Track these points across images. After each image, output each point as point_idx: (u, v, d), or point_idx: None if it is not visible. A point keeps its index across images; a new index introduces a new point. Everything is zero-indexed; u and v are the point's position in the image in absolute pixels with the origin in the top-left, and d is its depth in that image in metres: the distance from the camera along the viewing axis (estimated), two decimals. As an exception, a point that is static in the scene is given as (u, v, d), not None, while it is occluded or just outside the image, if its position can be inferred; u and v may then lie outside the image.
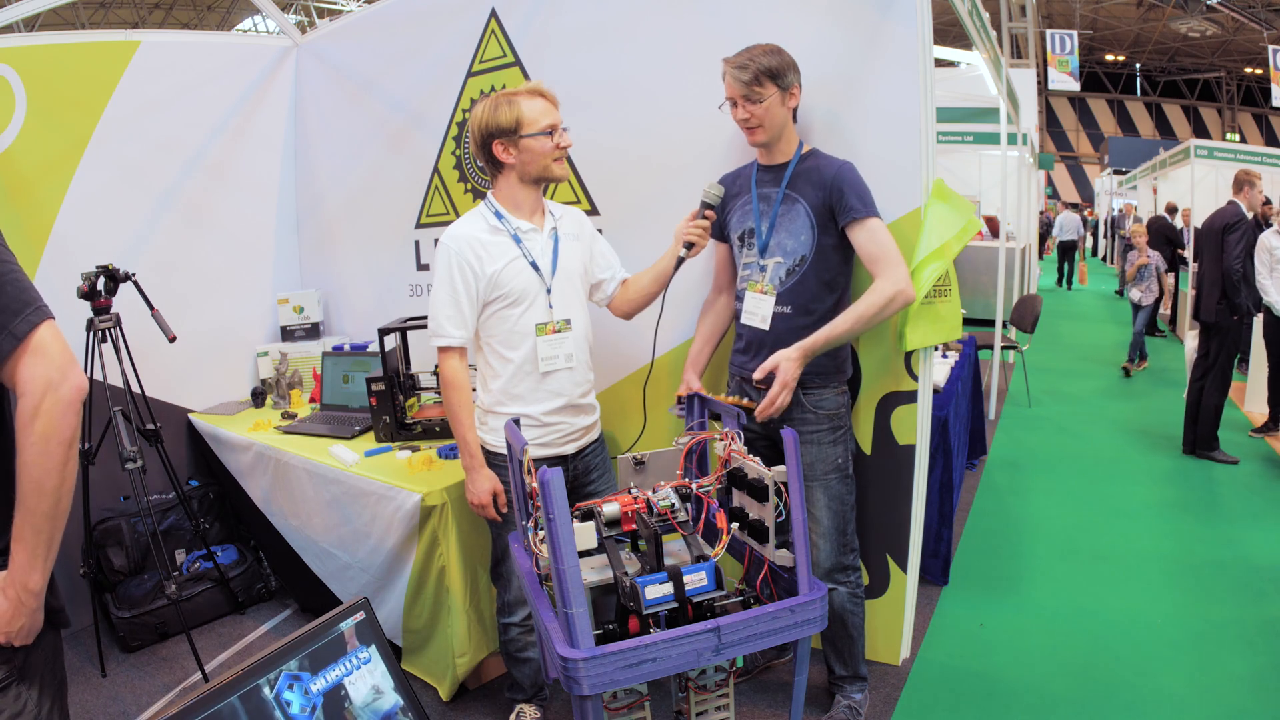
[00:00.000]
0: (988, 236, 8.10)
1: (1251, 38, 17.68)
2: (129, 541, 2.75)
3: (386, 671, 1.12)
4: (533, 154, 1.81)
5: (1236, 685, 2.27)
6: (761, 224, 1.97)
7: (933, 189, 1.96)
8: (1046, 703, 2.22)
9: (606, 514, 1.40)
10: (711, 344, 2.16)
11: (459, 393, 1.87)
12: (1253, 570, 2.99)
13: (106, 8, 15.82)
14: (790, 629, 1.28)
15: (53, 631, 1.18)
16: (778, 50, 1.86)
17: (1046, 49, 13.94)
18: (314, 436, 2.67)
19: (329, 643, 1.08)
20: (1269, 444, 4.49)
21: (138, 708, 2.35)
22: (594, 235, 2.05)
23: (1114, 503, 3.71)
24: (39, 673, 1.14)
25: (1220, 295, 4.16)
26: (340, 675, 1.07)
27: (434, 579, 2.20)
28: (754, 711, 2.21)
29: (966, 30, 3.33)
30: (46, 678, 1.15)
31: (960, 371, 3.62)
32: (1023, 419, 5.21)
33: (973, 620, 2.68)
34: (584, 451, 2.00)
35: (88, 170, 2.76)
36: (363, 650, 1.11)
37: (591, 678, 1.17)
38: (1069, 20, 18.34)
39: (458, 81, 2.77)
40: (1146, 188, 11.76)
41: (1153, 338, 8.22)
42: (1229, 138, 21.95)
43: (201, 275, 3.12)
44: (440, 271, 1.84)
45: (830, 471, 1.98)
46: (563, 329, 1.88)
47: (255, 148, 3.27)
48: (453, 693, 2.26)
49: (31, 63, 2.61)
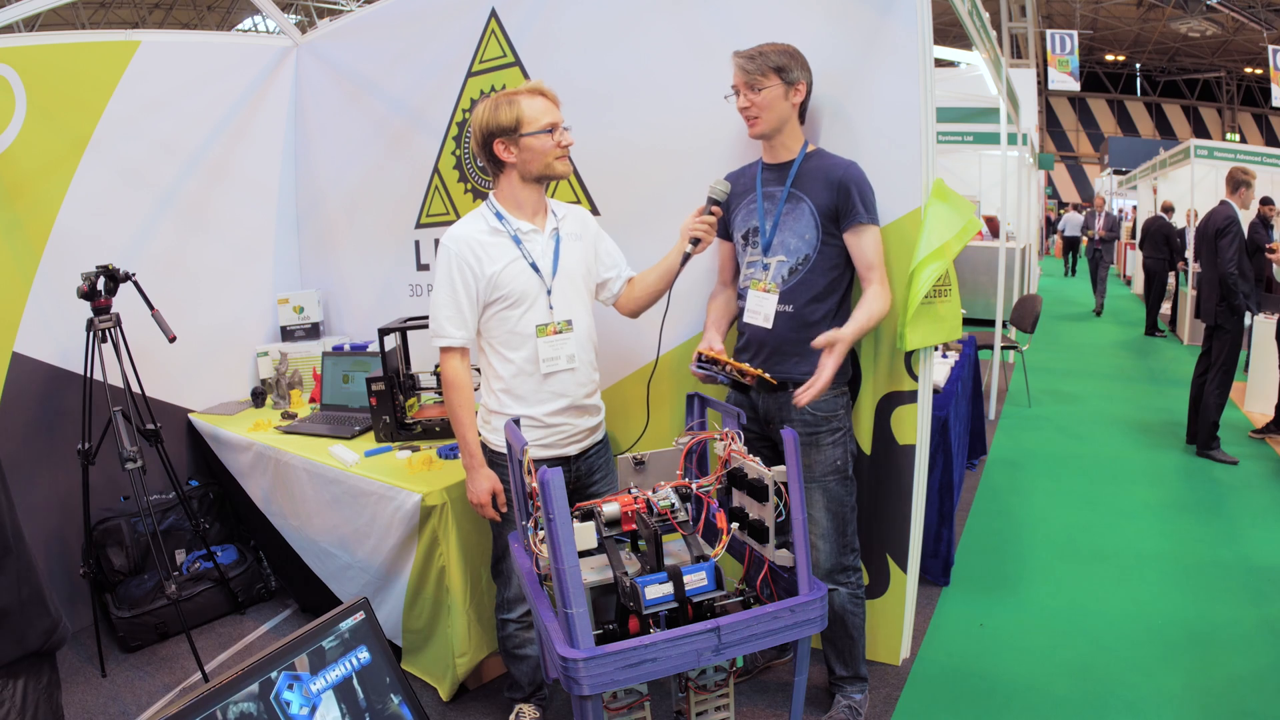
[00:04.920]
0: (988, 236, 8.10)
1: (1251, 38, 17.67)
2: (129, 541, 2.75)
3: (387, 672, 1.12)
4: (534, 152, 1.81)
5: (1236, 685, 2.27)
6: (765, 222, 1.97)
7: (933, 189, 1.96)
8: (1046, 703, 2.22)
9: (606, 514, 1.40)
10: (728, 317, 2.11)
11: (460, 393, 1.87)
12: (1253, 570, 2.99)
13: (106, 8, 15.82)
14: (790, 629, 1.28)
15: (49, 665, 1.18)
16: (791, 51, 1.87)
17: (1046, 49, 13.93)
18: (314, 436, 2.67)
19: (329, 643, 1.08)
20: (1269, 445, 4.49)
21: (138, 708, 2.35)
22: (598, 234, 2.05)
23: (1114, 503, 3.71)
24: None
25: (1219, 298, 4.18)
26: (340, 675, 1.07)
27: (434, 579, 2.20)
28: (754, 711, 2.21)
29: (966, 30, 3.33)
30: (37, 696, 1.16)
31: (960, 371, 3.62)
32: (1023, 419, 5.21)
33: (973, 620, 2.68)
34: (587, 453, 2.00)
35: (88, 170, 2.76)
36: (363, 650, 1.11)
37: (591, 678, 1.17)
38: (1069, 20, 18.33)
39: (458, 81, 2.77)
40: (1146, 188, 11.75)
41: (1153, 337, 8.23)
42: (1229, 138, 21.95)
43: (201, 275, 3.11)
44: (440, 272, 1.84)
45: (829, 473, 1.98)
46: (564, 330, 1.88)
47: (255, 148, 3.27)
48: (453, 693, 2.26)
49: (31, 63, 2.61)
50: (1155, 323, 8.46)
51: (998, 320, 5.19)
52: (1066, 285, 11.42)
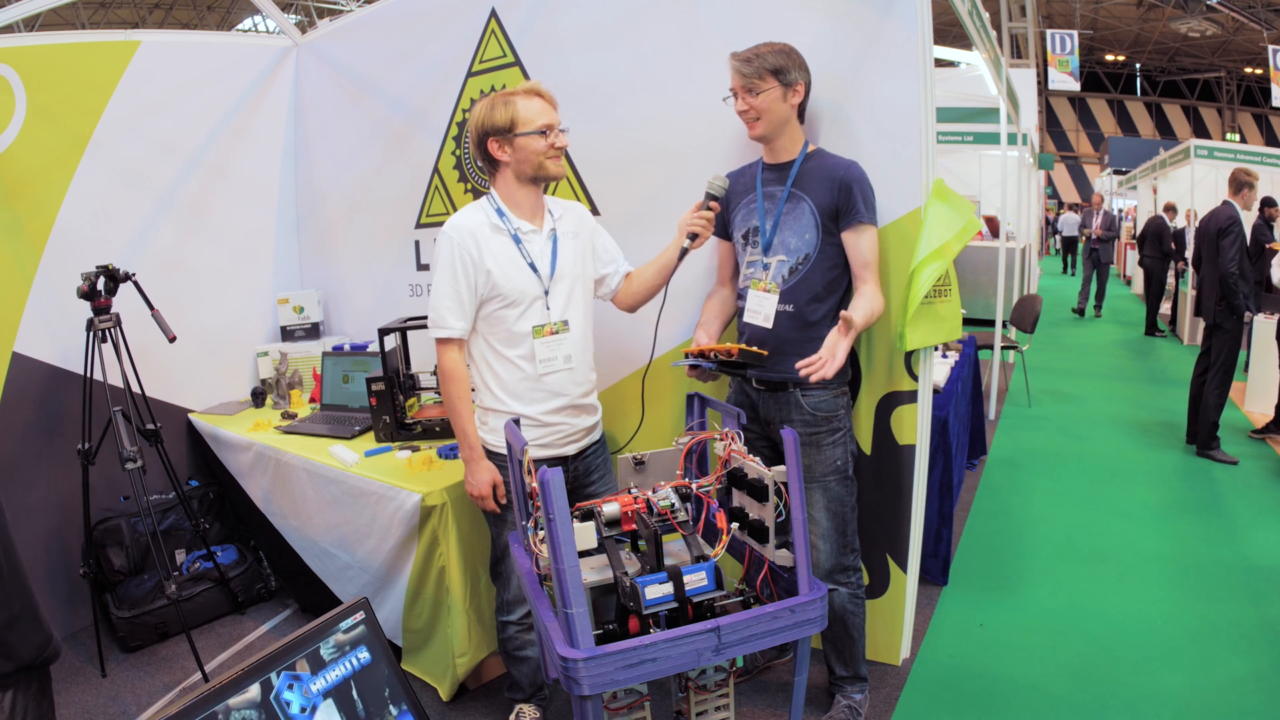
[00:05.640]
0: (988, 236, 8.10)
1: (1251, 38, 17.68)
2: (129, 541, 2.75)
3: (387, 672, 1.12)
4: (527, 152, 1.82)
5: (1236, 685, 2.27)
6: (766, 222, 1.97)
7: (933, 189, 1.96)
8: (1046, 703, 2.22)
9: (606, 514, 1.40)
10: (720, 319, 2.10)
11: (458, 385, 1.87)
12: (1253, 570, 2.99)
13: (106, 8, 15.82)
14: (790, 629, 1.28)
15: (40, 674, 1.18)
16: (787, 50, 1.87)
17: (1046, 49, 13.94)
18: (314, 436, 2.67)
19: (329, 643, 1.08)
20: (1269, 445, 4.49)
21: (138, 708, 2.35)
22: (595, 230, 2.04)
23: (1114, 503, 3.71)
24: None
25: (1218, 297, 4.19)
26: (340, 675, 1.07)
27: (434, 579, 2.20)
28: (754, 711, 2.21)
29: (966, 30, 3.33)
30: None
31: (960, 371, 3.62)
32: (1023, 419, 5.21)
33: (973, 620, 2.68)
34: (585, 452, 2.00)
35: (88, 170, 2.76)
36: (363, 650, 1.11)
37: (591, 678, 1.17)
38: (1069, 20, 18.33)
39: (458, 81, 2.77)
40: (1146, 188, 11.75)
41: (1153, 337, 8.23)
42: (1229, 138, 21.94)
43: (201, 275, 3.11)
44: (442, 262, 1.83)
45: (829, 473, 1.98)
46: (560, 330, 1.88)
47: (255, 148, 3.27)
48: (453, 693, 2.26)
49: (31, 63, 2.61)
50: (1155, 323, 8.46)
51: (998, 320, 5.19)
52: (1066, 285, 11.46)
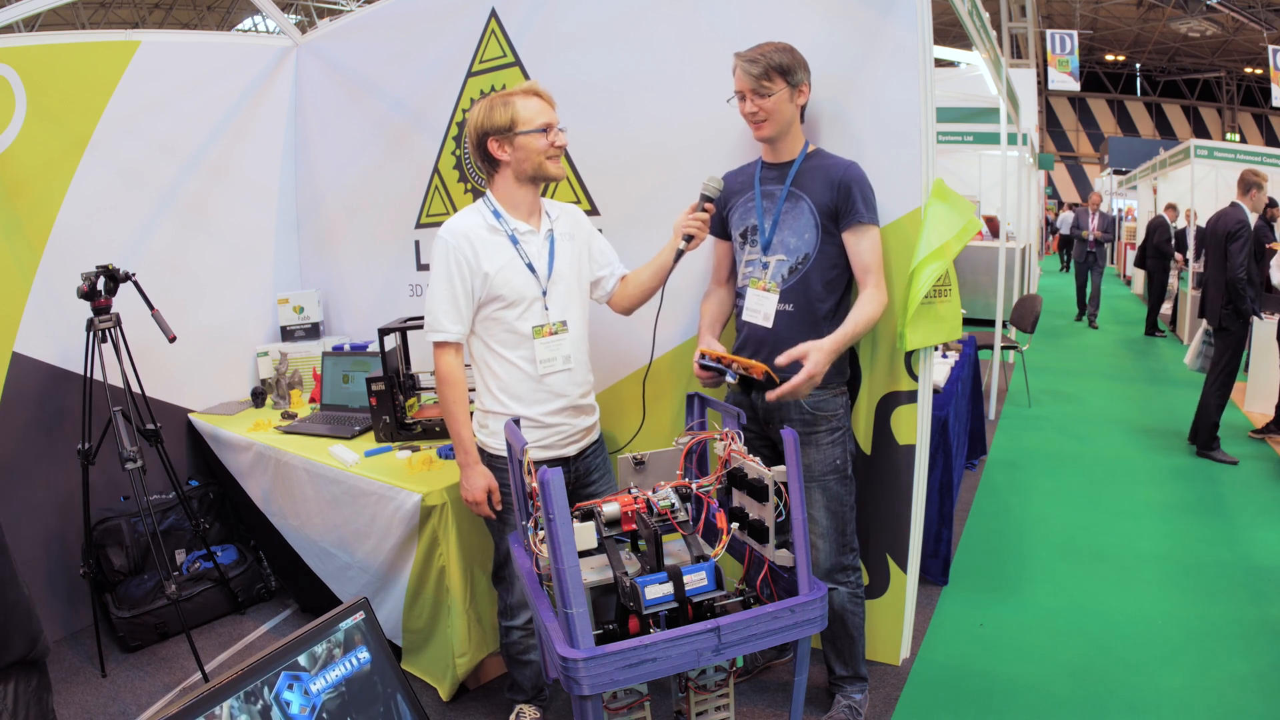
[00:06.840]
0: (988, 236, 8.11)
1: (1251, 38, 17.66)
2: (129, 541, 2.75)
3: (387, 672, 1.12)
4: (527, 151, 1.81)
5: (1236, 685, 2.27)
6: (765, 221, 1.97)
7: (933, 189, 1.96)
8: (1046, 703, 2.22)
9: (606, 514, 1.40)
10: (722, 321, 2.12)
11: (454, 389, 1.87)
12: (1253, 570, 2.99)
13: (106, 8, 15.82)
14: (790, 629, 1.28)
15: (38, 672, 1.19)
16: (790, 49, 1.87)
17: (1046, 49, 13.93)
18: (314, 436, 2.67)
19: (329, 643, 1.08)
20: (1269, 445, 4.49)
21: (138, 708, 2.35)
22: (591, 232, 2.05)
23: (1114, 503, 3.71)
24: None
25: (1225, 300, 4.17)
26: (340, 675, 1.07)
27: (434, 579, 2.20)
28: (754, 711, 2.21)
29: (966, 30, 3.33)
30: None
31: (960, 371, 3.62)
32: (1023, 419, 5.21)
33: (973, 620, 2.68)
34: (585, 453, 2.00)
35: (88, 170, 2.76)
36: (363, 650, 1.11)
37: (591, 678, 1.17)
38: (1069, 20, 18.32)
39: (458, 81, 2.77)
40: (1146, 188, 11.76)
41: (1153, 337, 8.23)
42: (1229, 138, 21.93)
43: (201, 275, 3.11)
44: (438, 266, 1.83)
45: (829, 473, 1.98)
46: (559, 331, 1.88)
47: (255, 148, 3.27)
48: (453, 693, 2.26)
49: (31, 63, 2.61)
50: (1155, 323, 8.46)
51: (998, 320, 5.19)
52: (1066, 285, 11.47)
